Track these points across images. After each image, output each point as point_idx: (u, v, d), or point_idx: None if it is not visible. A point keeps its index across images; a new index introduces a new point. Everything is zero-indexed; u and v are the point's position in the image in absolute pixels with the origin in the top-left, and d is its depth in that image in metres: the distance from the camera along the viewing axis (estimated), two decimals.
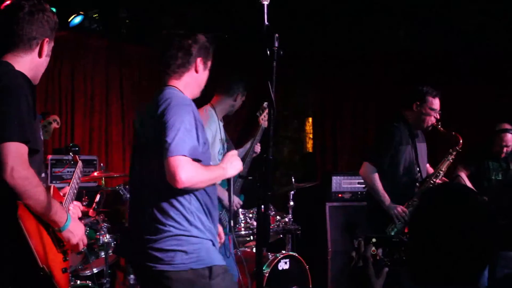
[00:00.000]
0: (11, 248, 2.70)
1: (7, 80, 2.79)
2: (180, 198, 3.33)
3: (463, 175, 6.47)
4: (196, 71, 3.60)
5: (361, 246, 2.25)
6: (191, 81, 3.59)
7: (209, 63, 3.70)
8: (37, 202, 2.75)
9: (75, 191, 3.42)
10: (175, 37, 3.60)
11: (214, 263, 3.36)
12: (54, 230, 2.95)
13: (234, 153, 3.70)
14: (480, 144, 6.61)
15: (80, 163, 3.78)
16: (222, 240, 3.79)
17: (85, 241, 3.16)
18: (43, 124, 4.11)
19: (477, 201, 2.06)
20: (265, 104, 5.55)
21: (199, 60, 3.59)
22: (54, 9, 6.86)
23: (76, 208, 3.28)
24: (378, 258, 2.26)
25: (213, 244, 3.47)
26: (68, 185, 3.40)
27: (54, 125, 4.40)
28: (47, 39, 3.07)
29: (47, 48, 3.10)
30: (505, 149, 6.44)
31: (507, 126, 6.48)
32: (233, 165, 3.60)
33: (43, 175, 3.07)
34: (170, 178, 3.18)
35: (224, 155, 5.37)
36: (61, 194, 3.26)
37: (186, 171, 3.17)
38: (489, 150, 6.52)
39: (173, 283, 3.28)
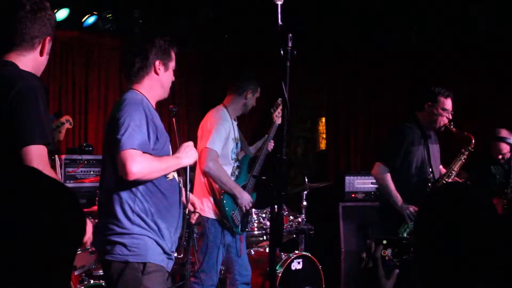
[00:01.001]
0: None
1: (22, 83, 2.79)
2: (126, 199, 3.52)
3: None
4: (156, 73, 3.77)
5: (371, 247, 2.25)
6: (152, 83, 3.77)
7: (170, 64, 3.89)
8: None
9: None
10: (132, 44, 3.84)
11: (148, 260, 3.52)
12: None
13: (190, 143, 3.83)
14: (481, 150, 6.57)
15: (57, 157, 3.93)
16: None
17: (92, 239, 3.27)
18: (56, 125, 4.12)
19: (481, 199, 2.05)
20: (279, 100, 5.54)
21: (157, 62, 3.76)
22: (68, 9, 6.89)
23: None
24: (387, 258, 2.26)
25: (157, 243, 3.58)
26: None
27: (67, 125, 4.41)
28: (48, 37, 3.04)
29: (48, 46, 3.07)
30: (500, 157, 6.44)
31: (504, 133, 6.46)
32: (188, 154, 3.72)
33: None
34: (121, 171, 3.36)
35: (237, 154, 5.42)
36: None
37: (136, 163, 3.34)
38: (489, 155, 6.51)
39: (109, 271, 3.52)
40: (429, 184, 5.53)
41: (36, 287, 1.49)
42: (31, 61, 2.99)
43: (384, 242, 2.27)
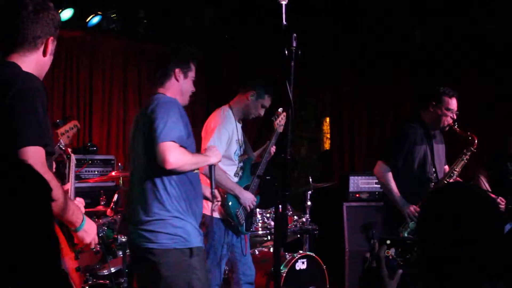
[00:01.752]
0: None
1: (21, 83, 2.77)
2: (162, 189, 3.86)
3: (483, 178, 6.44)
4: (177, 80, 4.13)
5: (375, 247, 2.25)
6: (173, 89, 4.13)
7: (190, 73, 4.19)
8: (56, 204, 2.76)
9: (73, 187, 3.46)
10: (159, 54, 4.41)
11: (193, 244, 3.88)
12: (68, 230, 2.96)
13: (215, 147, 4.41)
14: (499, 146, 6.56)
15: (73, 157, 3.93)
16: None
17: (96, 239, 3.20)
18: (64, 129, 4.14)
19: (483, 199, 2.05)
20: (280, 109, 5.56)
21: (177, 70, 4.11)
22: (72, 9, 6.90)
23: (80, 205, 3.30)
24: (390, 257, 2.26)
25: (194, 227, 3.96)
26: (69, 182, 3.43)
27: (75, 130, 4.46)
28: (51, 37, 3.02)
29: (52, 46, 3.04)
30: None
31: None
32: (215, 153, 4.21)
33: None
34: (160, 160, 3.73)
35: (240, 156, 5.42)
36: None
37: (175, 154, 3.73)
38: (506, 152, 6.48)
39: (158, 259, 3.81)
40: (432, 184, 5.53)
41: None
42: (33, 61, 2.96)
43: (388, 242, 2.27)
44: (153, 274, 3.84)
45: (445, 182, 5.49)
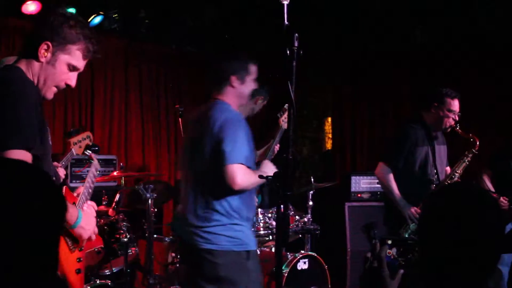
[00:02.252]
0: None
1: (16, 86, 2.76)
2: (225, 197, 3.94)
3: (486, 178, 6.43)
4: (233, 86, 4.15)
5: (376, 248, 2.25)
6: (231, 95, 4.17)
7: (247, 78, 4.20)
8: None
9: (90, 191, 3.43)
10: (213, 60, 4.33)
11: (250, 248, 4.00)
12: (64, 231, 2.95)
13: (268, 161, 4.35)
14: (501, 146, 6.56)
15: (96, 162, 3.90)
16: None
17: (96, 231, 3.22)
18: (77, 139, 4.17)
19: (484, 199, 2.05)
20: (286, 106, 5.55)
21: (233, 77, 4.14)
22: (74, 10, 6.89)
23: (90, 208, 3.29)
24: (392, 258, 2.26)
25: (251, 232, 4.13)
26: (83, 185, 3.40)
27: (87, 141, 4.50)
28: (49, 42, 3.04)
29: (51, 53, 3.07)
30: None
31: None
32: (270, 168, 4.15)
33: (53, 178, 3.05)
34: (228, 182, 3.82)
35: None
36: (75, 194, 3.27)
37: (242, 177, 3.85)
38: (509, 151, 6.47)
39: (217, 259, 3.90)
40: (433, 185, 5.52)
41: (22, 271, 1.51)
42: (37, 67, 2.98)
43: (389, 242, 2.27)
44: (210, 274, 3.94)
45: (447, 183, 5.48)
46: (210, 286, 3.93)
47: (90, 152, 3.96)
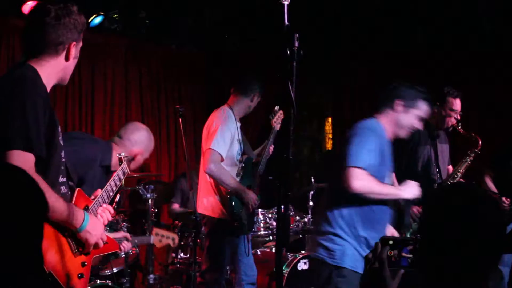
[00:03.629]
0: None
1: (27, 86, 2.75)
2: (343, 210, 3.92)
3: (488, 179, 6.42)
4: (394, 110, 4.21)
5: (378, 248, 2.25)
6: (388, 118, 4.24)
7: (413, 111, 4.22)
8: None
9: (110, 194, 3.35)
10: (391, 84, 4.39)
11: (344, 265, 3.87)
12: (70, 233, 2.92)
13: (414, 183, 4.21)
14: (503, 146, 6.55)
15: (124, 165, 3.67)
16: None
17: (104, 238, 3.12)
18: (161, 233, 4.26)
19: (485, 200, 2.05)
20: (277, 107, 5.57)
21: (398, 101, 4.21)
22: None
23: (105, 211, 3.24)
24: (393, 259, 2.25)
25: (356, 250, 3.92)
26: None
27: (169, 241, 4.65)
28: (74, 42, 3.03)
29: (75, 50, 3.05)
30: None
31: None
32: (410, 190, 4.14)
33: (63, 179, 3.02)
34: (346, 183, 3.80)
35: (241, 155, 5.42)
36: (92, 197, 3.23)
37: (359, 180, 3.80)
38: (510, 151, 6.47)
39: (332, 273, 3.86)
40: (435, 185, 5.51)
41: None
42: (54, 66, 2.97)
43: (391, 242, 2.27)
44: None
45: (449, 183, 5.48)
46: None
47: (122, 154, 3.82)
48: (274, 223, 6.15)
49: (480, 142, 5.53)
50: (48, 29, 2.93)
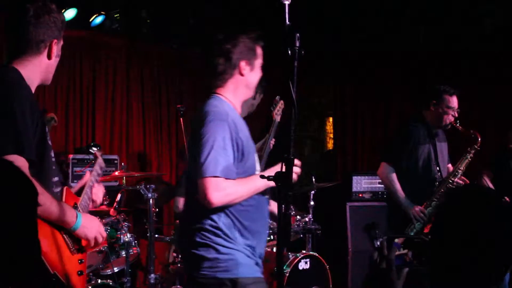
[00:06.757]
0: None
1: (13, 88, 2.76)
2: (210, 215, 3.29)
3: (486, 178, 6.43)
4: (241, 74, 3.49)
5: (383, 247, 2.23)
6: (238, 85, 3.50)
7: (256, 62, 3.55)
8: (44, 209, 2.73)
9: (91, 190, 3.40)
10: (214, 44, 3.51)
11: (239, 275, 3.27)
12: (66, 232, 2.93)
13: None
14: (502, 146, 6.56)
15: (101, 160, 3.77)
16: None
17: (104, 234, 3.13)
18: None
19: (500, 203, 2.04)
20: (278, 97, 5.54)
21: (242, 63, 3.47)
22: (75, 9, 6.88)
23: (98, 192, 3.30)
24: (408, 260, 2.25)
25: (248, 256, 3.35)
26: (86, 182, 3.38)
27: (52, 123, 4.42)
28: (55, 40, 3.02)
29: (56, 48, 3.05)
30: None
31: None
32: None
33: (56, 179, 3.04)
34: (202, 198, 3.19)
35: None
36: (73, 191, 3.26)
37: (217, 192, 3.16)
38: (508, 150, 6.48)
39: (199, 287, 3.32)
40: (436, 183, 5.52)
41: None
42: (37, 65, 2.97)
43: (396, 241, 2.26)
44: None
45: (450, 181, 5.48)
46: None
47: (95, 149, 3.83)
48: (275, 223, 6.14)
49: (479, 139, 5.53)
50: (28, 27, 2.92)
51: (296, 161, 3.07)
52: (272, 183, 3.11)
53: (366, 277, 2.28)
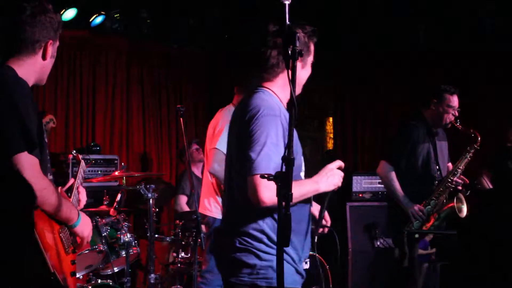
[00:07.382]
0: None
1: (14, 86, 2.77)
2: (255, 217, 3.14)
3: (486, 178, 6.43)
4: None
5: (404, 243, 2.21)
6: (287, 82, 2.96)
7: (309, 59, 3.41)
8: (52, 206, 2.79)
9: (78, 192, 3.42)
10: (268, 35, 3.26)
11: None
12: (61, 232, 2.95)
13: (333, 166, 3.44)
14: (502, 146, 6.56)
15: (82, 163, 3.83)
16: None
17: (90, 234, 3.20)
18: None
19: None
20: None
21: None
22: (75, 9, 6.88)
23: (82, 193, 3.34)
24: (433, 258, 2.25)
25: (288, 262, 3.26)
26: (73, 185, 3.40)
27: (51, 124, 4.41)
28: (50, 41, 2.99)
29: (52, 49, 3.02)
30: None
31: None
32: (328, 180, 3.43)
33: (50, 177, 3.03)
34: (252, 196, 3.00)
35: None
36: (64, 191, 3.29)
37: (269, 191, 2.92)
38: (507, 150, 6.49)
39: None
40: (435, 182, 5.52)
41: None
42: (32, 65, 2.95)
43: (416, 236, 2.25)
44: None
45: (449, 180, 5.47)
46: None
47: (75, 152, 3.84)
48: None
49: (479, 138, 5.53)
50: (24, 27, 2.91)
51: (339, 162, 2.98)
52: (322, 190, 3.33)
53: (389, 275, 2.27)
